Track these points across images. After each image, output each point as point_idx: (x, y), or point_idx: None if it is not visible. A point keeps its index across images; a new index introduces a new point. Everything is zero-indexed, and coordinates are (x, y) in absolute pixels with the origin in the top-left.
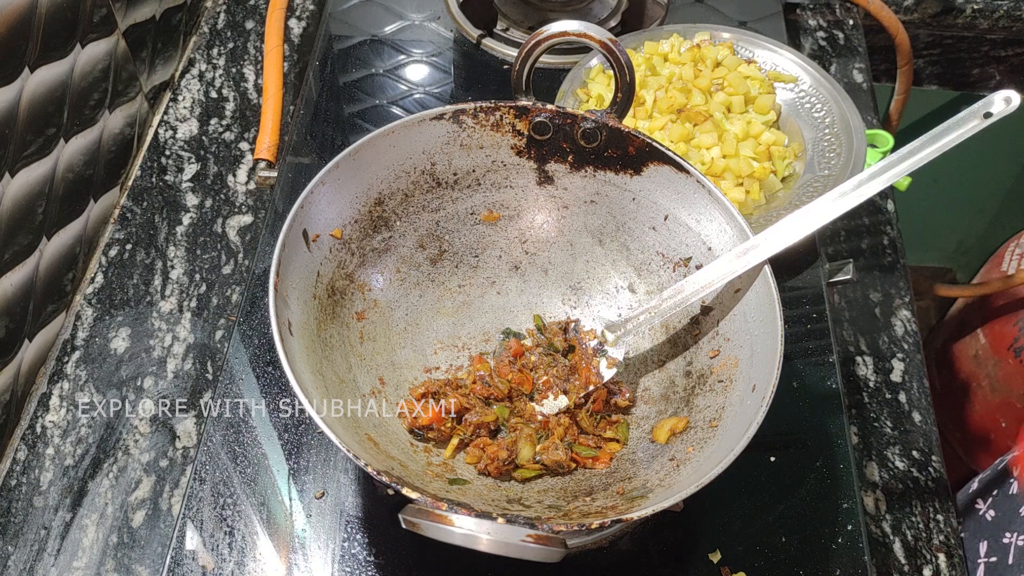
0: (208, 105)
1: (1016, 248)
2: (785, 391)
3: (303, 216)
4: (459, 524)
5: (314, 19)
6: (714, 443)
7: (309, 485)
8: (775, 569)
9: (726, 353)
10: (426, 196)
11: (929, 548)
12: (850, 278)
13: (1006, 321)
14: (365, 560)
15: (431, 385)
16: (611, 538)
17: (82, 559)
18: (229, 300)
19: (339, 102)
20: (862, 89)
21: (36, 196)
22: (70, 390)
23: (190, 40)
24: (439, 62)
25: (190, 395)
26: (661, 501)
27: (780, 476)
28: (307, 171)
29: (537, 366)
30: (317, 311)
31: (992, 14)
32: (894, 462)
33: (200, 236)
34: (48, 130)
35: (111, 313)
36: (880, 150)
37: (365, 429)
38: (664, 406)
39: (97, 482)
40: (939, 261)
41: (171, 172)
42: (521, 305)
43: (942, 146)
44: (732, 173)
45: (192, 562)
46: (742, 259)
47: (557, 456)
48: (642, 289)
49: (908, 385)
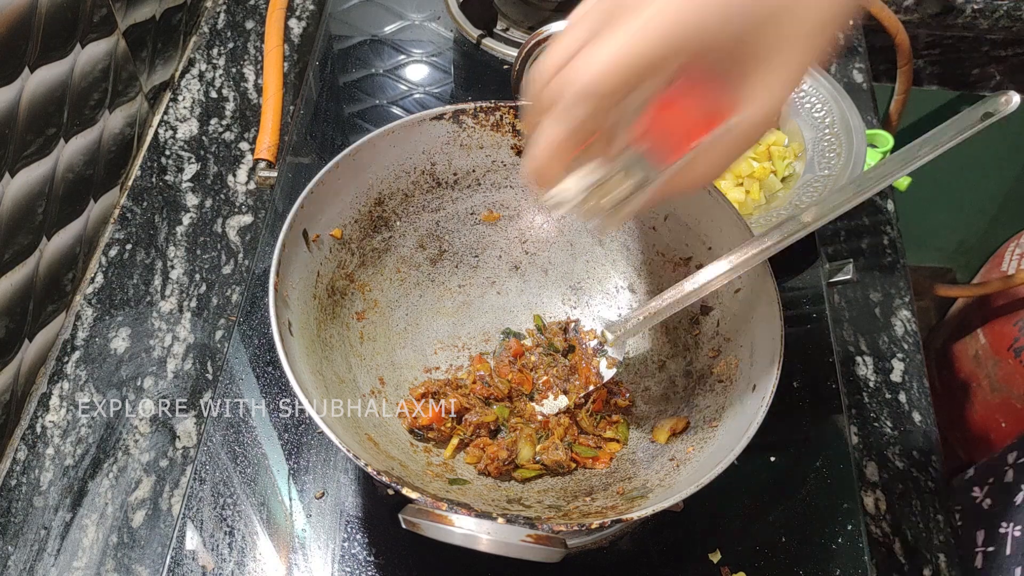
0: (208, 105)
1: (1016, 248)
2: (785, 391)
3: (303, 216)
4: (459, 524)
5: (314, 19)
6: (714, 443)
7: (309, 485)
8: (775, 569)
9: (726, 353)
10: (426, 196)
11: (929, 548)
12: (850, 278)
13: (1006, 321)
14: (365, 560)
15: (431, 385)
16: (611, 538)
17: (82, 559)
18: (229, 300)
19: (339, 102)
20: (862, 89)
21: (36, 196)
22: (70, 390)
23: (190, 40)
24: (439, 62)
25: (190, 395)
26: (661, 501)
27: (780, 476)
28: (307, 171)
29: (537, 366)
30: (317, 311)
31: (992, 14)
32: (894, 462)
33: (200, 236)
34: (48, 130)
35: (111, 313)
36: (880, 150)
37: (365, 429)
38: (664, 406)
39: (97, 482)
40: (939, 261)
41: (171, 172)
42: (521, 305)
43: (942, 146)
44: (732, 173)
45: (192, 562)
46: (742, 259)
47: (557, 456)
48: (642, 289)
49: (908, 385)
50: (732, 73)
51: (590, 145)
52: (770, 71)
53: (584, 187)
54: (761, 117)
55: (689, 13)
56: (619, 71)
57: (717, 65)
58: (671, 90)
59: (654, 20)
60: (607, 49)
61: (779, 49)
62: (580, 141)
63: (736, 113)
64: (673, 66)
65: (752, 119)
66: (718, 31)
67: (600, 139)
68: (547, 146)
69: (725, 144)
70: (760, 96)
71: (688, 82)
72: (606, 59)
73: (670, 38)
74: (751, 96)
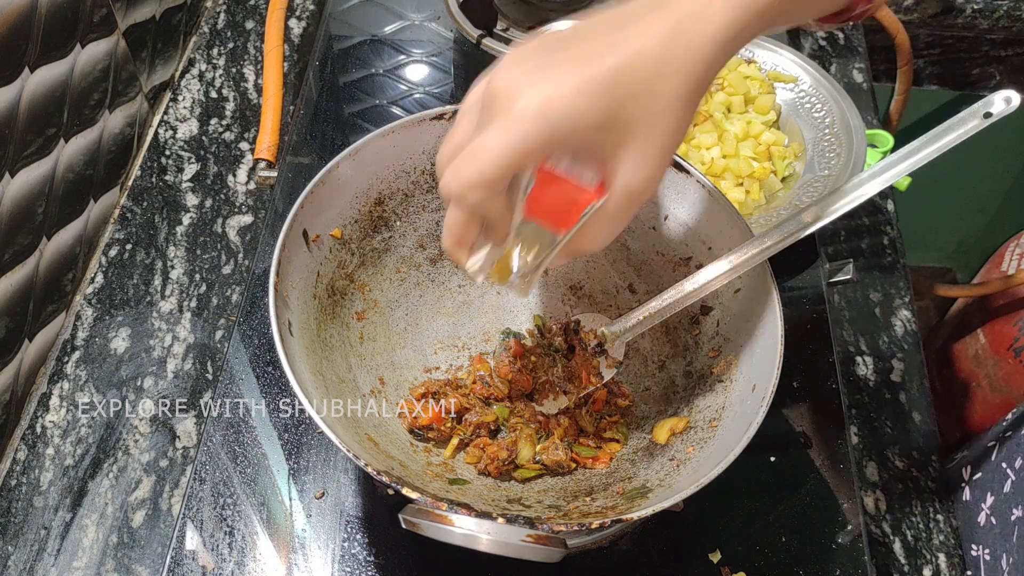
0: (208, 105)
1: (1016, 248)
2: (785, 391)
3: (303, 216)
4: (459, 524)
5: (314, 19)
6: (714, 443)
7: (309, 485)
8: (775, 569)
9: (726, 353)
10: (426, 196)
11: (929, 548)
12: (850, 278)
13: (1006, 321)
14: (365, 560)
15: (431, 385)
16: (611, 538)
17: (82, 559)
18: (229, 300)
19: (339, 102)
20: (862, 89)
21: (36, 196)
22: (70, 390)
23: (190, 40)
24: (439, 62)
25: (190, 395)
26: (661, 501)
27: (780, 476)
28: (307, 171)
29: (537, 366)
30: (317, 311)
31: (992, 14)
32: (894, 462)
33: (200, 236)
34: (48, 130)
35: (111, 313)
36: (880, 150)
37: (365, 429)
38: (664, 406)
39: (97, 482)
40: (939, 261)
41: (171, 172)
42: (521, 305)
43: (942, 146)
44: (732, 173)
45: (192, 562)
46: (742, 259)
47: (557, 456)
48: (642, 289)
49: (908, 385)
50: (604, 150)
51: (491, 223)
52: (638, 146)
53: (493, 260)
54: (635, 187)
55: (555, 102)
56: (498, 163)
57: (588, 144)
58: (551, 170)
59: (525, 112)
60: (485, 144)
61: (644, 124)
62: (478, 222)
63: (610, 186)
64: (547, 151)
65: (626, 189)
66: (583, 115)
67: (497, 218)
68: (451, 231)
69: (608, 213)
70: (631, 168)
71: (564, 161)
72: (485, 155)
73: (540, 128)
74: (623, 170)
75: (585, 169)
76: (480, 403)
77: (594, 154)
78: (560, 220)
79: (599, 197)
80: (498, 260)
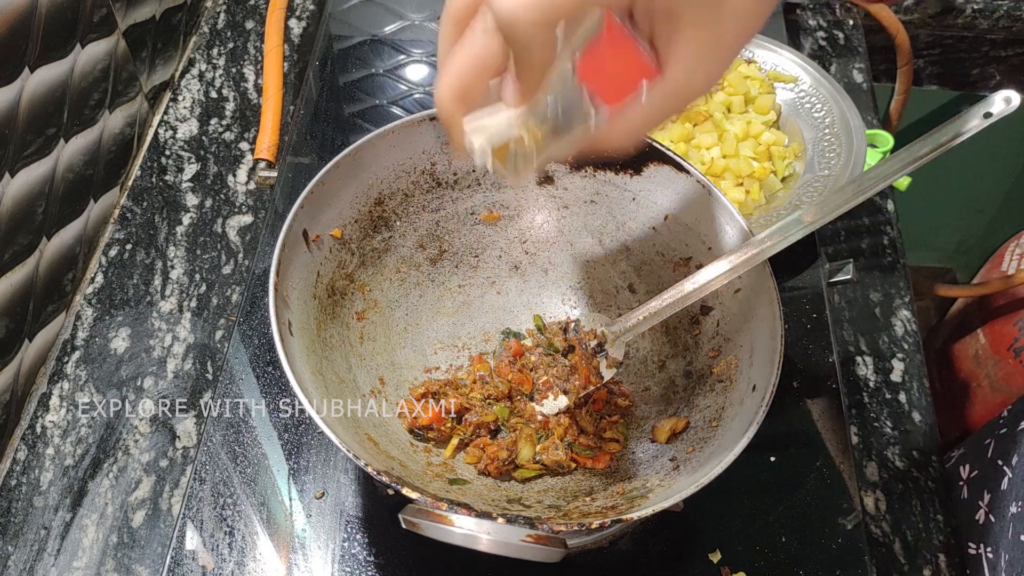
0: (208, 105)
1: (1016, 248)
2: (785, 391)
3: (303, 216)
4: (459, 524)
5: (314, 19)
6: (714, 443)
7: (309, 485)
8: (775, 569)
9: (726, 353)
10: (426, 196)
11: (929, 548)
12: (850, 278)
13: (1006, 321)
14: (365, 560)
15: (431, 385)
16: (611, 538)
17: (82, 559)
18: (229, 300)
19: (339, 102)
20: (862, 89)
21: (36, 196)
22: (70, 390)
23: (190, 40)
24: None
25: (190, 395)
26: (661, 501)
27: (780, 476)
28: (307, 171)
29: (537, 366)
30: (317, 311)
31: (992, 14)
32: (894, 462)
33: (200, 236)
34: (48, 130)
35: (111, 313)
36: (880, 150)
37: (365, 429)
38: (664, 406)
39: (97, 482)
40: (939, 261)
41: (171, 172)
42: (521, 305)
43: (942, 146)
44: (732, 173)
45: (192, 562)
46: (742, 259)
47: (557, 456)
48: (642, 289)
49: (908, 385)
50: (667, 26)
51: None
52: (699, 34)
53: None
54: (690, 82)
55: None
56: (537, 6)
57: (644, 20)
58: (623, 27)
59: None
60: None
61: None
62: (502, 63)
63: (662, 74)
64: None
65: (676, 82)
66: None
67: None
68: (462, 68)
69: (652, 101)
70: (686, 60)
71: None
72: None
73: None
74: (680, 54)
75: (638, 46)
76: (480, 403)
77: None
78: (610, 90)
79: (653, 79)
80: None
